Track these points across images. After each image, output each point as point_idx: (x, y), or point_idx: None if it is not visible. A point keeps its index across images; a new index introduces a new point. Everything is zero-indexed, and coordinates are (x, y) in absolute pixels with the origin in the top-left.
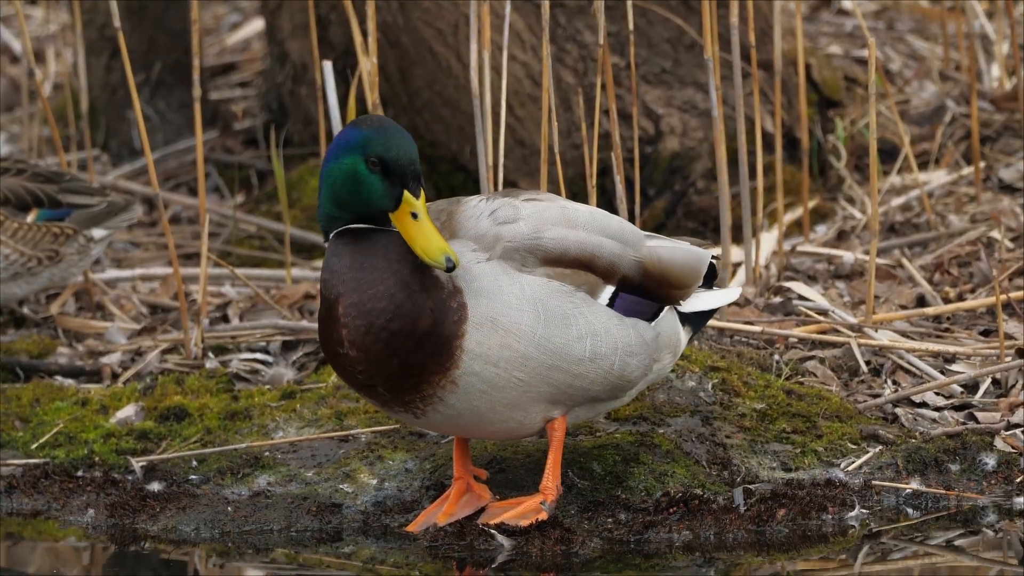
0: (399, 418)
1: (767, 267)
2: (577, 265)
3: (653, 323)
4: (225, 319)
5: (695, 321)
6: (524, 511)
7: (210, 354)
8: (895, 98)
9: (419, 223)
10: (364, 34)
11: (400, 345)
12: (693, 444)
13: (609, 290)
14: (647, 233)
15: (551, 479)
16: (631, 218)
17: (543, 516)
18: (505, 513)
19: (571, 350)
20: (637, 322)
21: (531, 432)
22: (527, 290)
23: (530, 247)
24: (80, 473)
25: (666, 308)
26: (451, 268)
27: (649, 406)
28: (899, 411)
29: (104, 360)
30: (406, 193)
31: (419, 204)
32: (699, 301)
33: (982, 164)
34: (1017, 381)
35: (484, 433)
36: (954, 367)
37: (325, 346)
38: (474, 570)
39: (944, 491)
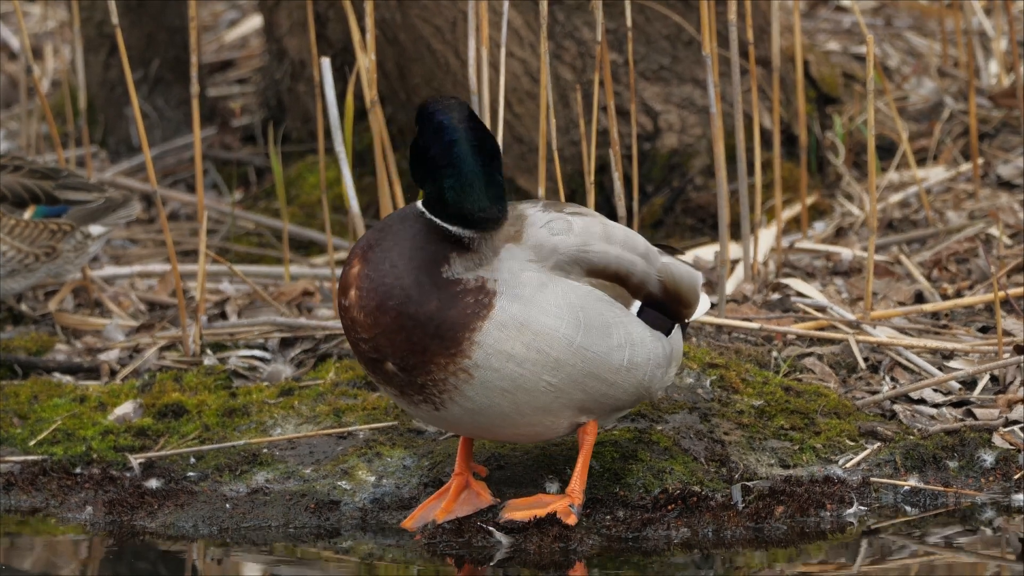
0: (420, 414)
1: (765, 264)
2: (615, 279)
3: (669, 337)
4: (223, 316)
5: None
6: (552, 512)
7: (208, 351)
8: (893, 95)
9: None
10: (362, 31)
11: (405, 322)
12: (691, 441)
13: (637, 305)
14: (656, 249)
15: (579, 482)
16: (629, 215)
17: (572, 520)
18: (531, 510)
19: (610, 359)
20: (660, 335)
21: (556, 437)
22: (570, 296)
23: (577, 258)
24: (78, 470)
25: (676, 325)
26: None
27: (647, 403)
28: (897, 408)
29: (102, 357)
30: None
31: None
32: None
33: (980, 160)
34: (1015, 378)
35: (508, 434)
36: (952, 364)
37: (339, 294)
38: (472, 567)
39: (942, 488)
